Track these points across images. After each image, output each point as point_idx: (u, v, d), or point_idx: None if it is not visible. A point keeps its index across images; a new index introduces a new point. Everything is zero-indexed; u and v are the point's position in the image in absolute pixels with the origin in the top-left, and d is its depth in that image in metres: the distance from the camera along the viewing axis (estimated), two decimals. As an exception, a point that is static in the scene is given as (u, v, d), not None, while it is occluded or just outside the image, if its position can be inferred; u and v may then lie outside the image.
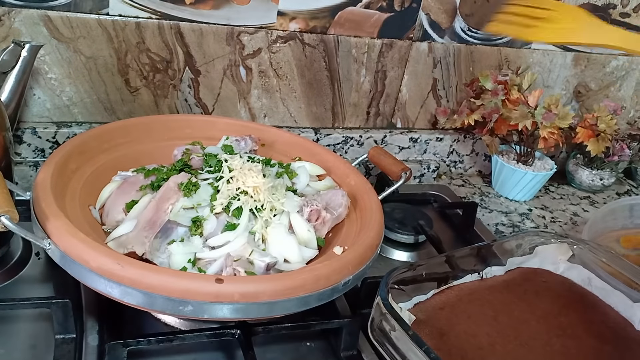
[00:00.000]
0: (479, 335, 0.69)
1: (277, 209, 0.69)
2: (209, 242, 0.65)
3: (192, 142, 0.81)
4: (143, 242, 0.63)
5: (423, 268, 0.73)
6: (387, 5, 1.01)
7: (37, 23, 0.82)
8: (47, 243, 0.58)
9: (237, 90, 0.99)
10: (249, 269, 0.62)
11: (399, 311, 0.63)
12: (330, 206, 0.74)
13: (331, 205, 0.74)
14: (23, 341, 0.63)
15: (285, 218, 0.70)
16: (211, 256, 0.64)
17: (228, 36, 0.93)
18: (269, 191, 0.70)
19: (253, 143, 0.84)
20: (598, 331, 0.73)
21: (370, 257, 0.66)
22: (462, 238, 0.98)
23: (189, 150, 0.79)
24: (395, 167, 0.83)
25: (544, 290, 0.78)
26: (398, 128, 1.15)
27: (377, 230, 0.69)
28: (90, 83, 0.89)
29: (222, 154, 0.76)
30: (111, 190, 0.73)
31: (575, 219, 1.13)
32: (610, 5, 1.19)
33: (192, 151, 0.79)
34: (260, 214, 0.68)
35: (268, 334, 0.66)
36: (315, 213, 0.71)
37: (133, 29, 0.88)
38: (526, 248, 0.83)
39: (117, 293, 0.55)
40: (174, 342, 0.62)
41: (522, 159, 1.14)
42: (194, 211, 0.67)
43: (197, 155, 0.77)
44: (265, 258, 0.63)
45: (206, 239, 0.66)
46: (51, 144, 0.89)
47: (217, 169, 0.72)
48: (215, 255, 0.64)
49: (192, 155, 0.77)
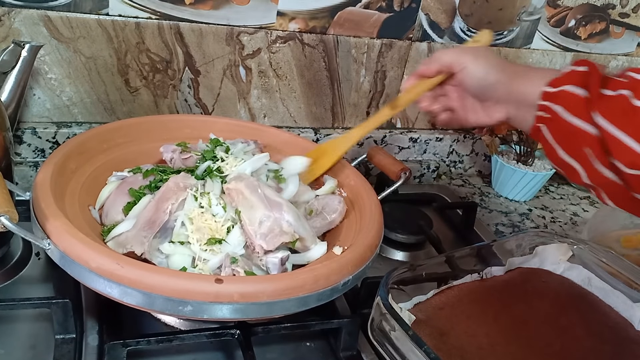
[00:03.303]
0: (479, 335, 0.69)
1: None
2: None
3: (177, 143, 0.79)
4: (142, 242, 0.63)
5: (423, 268, 0.73)
6: (386, 5, 1.01)
7: (37, 23, 0.82)
8: (47, 243, 0.58)
9: (236, 91, 0.99)
10: (252, 268, 0.62)
11: (399, 311, 0.63)
12: (325, 211, 0.74)
13: (326, 210, 0.74)
14: (23, 341, 0.63)
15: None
16: (210, 257, 0.64)
17: (228, 36, 0.93)
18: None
19: (257, 148, 0.83)
20: (598, 331, 0.73)
21: (370, 257, 0.66)
22: (462, 238, 0.98)
23: (186, 148, 0.78)
24: (394, 167, 0.83)
25: (544, 291, 0.78)
26: (398, 128, 1.15)
27: (377, 230, 0.69)
28: (90, 83, 0.89)
29: (219, 153, 0.75)
30: (110, 190, 0.72)
31: (575, 219, 1.13)
32: (609, 6, 1.19)
33: (190, 149, 0.79)
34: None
35: (268, 334, 0.66)
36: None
37: (133, 29, 0.88)
38: (526, 248, 0.83)
39: (116, 293, 0.55)
40: (174, 342, 0.62)
41: (522, 159, 1.14)
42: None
43: (195, 153, 0.77)
44: (278, 254, 0.63)
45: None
46: (51, 144, 0.89)
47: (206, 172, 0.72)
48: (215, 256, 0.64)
49: (190, 154, 0.77)
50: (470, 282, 0.77)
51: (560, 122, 0.57)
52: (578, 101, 0.55)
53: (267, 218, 0.64)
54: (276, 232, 0.64)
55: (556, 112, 0.57)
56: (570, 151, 0.57)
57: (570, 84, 0.56)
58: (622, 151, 0.52)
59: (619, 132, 0.52)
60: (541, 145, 0.61)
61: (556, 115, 0.57)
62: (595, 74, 0.55)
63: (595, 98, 0.54)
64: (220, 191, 0.69)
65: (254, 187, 0.67)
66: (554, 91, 0.57)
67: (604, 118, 0.53)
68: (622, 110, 0.52)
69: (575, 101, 0.55)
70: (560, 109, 0.56)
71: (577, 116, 0.55)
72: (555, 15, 1.15)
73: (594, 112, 0.53)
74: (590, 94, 0.54)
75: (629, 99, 0.52)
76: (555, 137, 0.58)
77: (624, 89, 0.52)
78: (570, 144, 0.57)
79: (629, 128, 0.51)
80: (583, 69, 0.57)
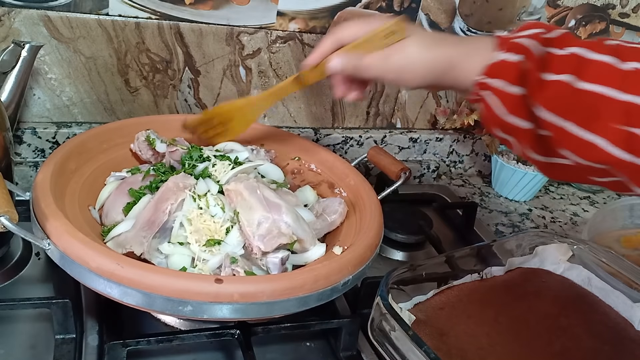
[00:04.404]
0: (479, 335, 0.68)
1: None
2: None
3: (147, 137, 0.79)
4: (141, 242, 0.63)
5: (423, 268, 0.73)
6: (386, 5, 1.01)
7: (37, 23, 0.82)
8: (47, 243, 0.58)
9: (236, 91, 0.99)
10: (252, 268, 0.62)
11: (399, 311, 0.63)
12: (326, 212, 0.73)
13: (326, 211, 0.74)
14: (23, 341, 0.63)
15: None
16: (209, 257, 0.64)
17: (228, 36, 0.93)
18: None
19: (266, 156, 0.81)
20: (598, 331, 0.73)
21: (370, 257, 0.66)
22: (462, 238, 0.98)
23: (173, 141, 0.78)
24: (394, 167, 0.83)
25: (544, 291, 0.78)
26: (398, 128, 1.15)
27: (377, 230, 0.69)
28: (90, 83, 0.89)
29: (211, 156, 0.75)
30: (110, 190, 0.72)
31: (575, 219, 1.13)
32: (609, 6, 1.19)
33: (177, 143, 0.78)
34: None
35: (268, 334, 0.66)
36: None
37: (133, 29, 0.88)
38: (526, 248, 0.83)
39: (116, 293, 0.55)
40: (174, 342, 0.62)
41: (522, 159, 1.14)
42: None
43: (181, 147, 0.77)
44: (278, 254, 0.63)
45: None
46: (51, 144, 0.89)
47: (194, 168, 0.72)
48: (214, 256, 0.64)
49: (175, 147, 0.76)
50: (470, 282, 0.77)
51: (495, 116, 0.54)
52: (513, 99, 0.52)
53: (265, 219, 0.64)
54: (274, 234, 0.64)
55: (490, 103, 0.54)
56: (505, 132, 0.55)
57: (503, 79, 0.53)
58: (571, 142, 0.49)
59: (564, 122, 0.49)
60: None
61: (489, 106, 0.54)
62: (532, 61, 0.51)
63: (534, 90, 0.51)
64: (217, 191, 0.69)
65: (253, 189, 0.67)
66: (488, 82, 0.54)
67: (547, 110, 0.50)
68: (565, 99, 0.49)
69: (511, 99, 0.52)
70: (496, 102, 0.54)
71: (513, 114, 0.53)
72: (555, 15, 1.15)
73: (535, 106, 0.51)
74: (528, 87, 0.51)
75: (572, 85, 0.49)
76: (490, 121, 0.56)
77: (567, 72, 0.49)
78: (505, 129, 0.55)
79: (574, 116, 0.49)
80: (517, 59, 0.52)
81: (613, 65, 0.48)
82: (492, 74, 0.54)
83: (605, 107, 0.48)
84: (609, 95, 0.47)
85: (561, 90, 0.49)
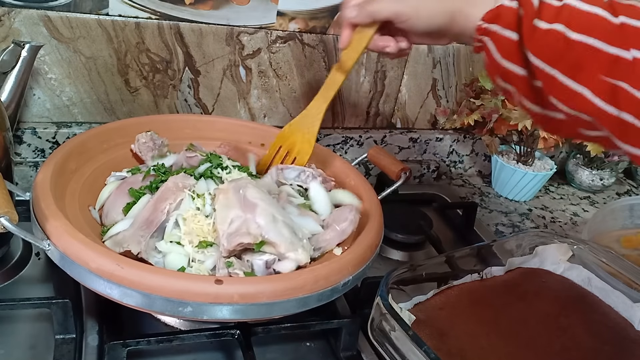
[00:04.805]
0: (479, 335, 0.69)
1: None
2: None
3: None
4: (139, 242, 0.62)
5: (423, 268, 0.73)
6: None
7: (37, 23, 0.82)
8: (47, 244, 0.58)
9: (236, 91, 0.99)
10: (247, 269, 0.62)
11: (399, 311, 0.63)
12: (335, 222, 0.71)
13: (336, 221, 0.71)
14: (23, 341, 0.63)
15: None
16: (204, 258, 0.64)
17: (228, 36, 0.93)
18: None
19: (320, 178, 0.77)
20: (598, 331, 0.73)
21: (370, 258, 0.66)
22: (462, 238, 0.98)
23: (192, 147, 0.78)
24: (394, 167, 0.83)
25: (544, 291, 0.78)
26: (398, 128, 1.15)
27: (377, 231, 0.69)
28: (90, 83, 0.89)
29: (228, 162, 0.75)
30: (110, 190, 0.72)
31: (575, 219, 1.13)
32: (610, 5, 1.18)
33: (195, 149, 0.79)
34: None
35: (268, 334, 0.66)
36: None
37: (133, 29, 0.88)
38: (526, 248, 0.83)
39: (116, 294, 0.55)
40: (174, 342, 0.62)
41: (522, 159, 1.14)
42: None
43: (200, 153, 0.77)
44: (263, 256, 0.63)
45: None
46: (51, 144, 0.89)
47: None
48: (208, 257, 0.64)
49: (195, 153, 0.77)
50: (470, 282, 0.77)
51: (494, 62, 0.56)
52: (509, 44, 0.54)
53: (237, 218, 0.63)
54: (241, 232, 0.62)
55: (489, 49, 0.57)
56: (505, 79, 0.57)
57: (500, 24, 0.55)
58: (559, 90, 0.51)
59: (553, 70, 0.50)
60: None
61: (489, 52, 0.57)
62: (527, 8, 0.53)
63: (527, 37, 0.52)
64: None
65: (237, 189, 0.66)
66: (487, 27, 0.57)
67: (537, 57, 0.51)
68: (554, 47, 0.50)
69: (506, 44, 0.54)
70: (493, 48, 0.56)
71: (508, 59, 0.55)
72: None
73: (527, 51, 0.52)
74: (522, 34, 0.53)
75: (562, 34, 0.50)
76: (491, 68, 0.58)
77: (559, 21, 0.50)
78: (504, 76, 0.57)
79: (562, 65, 0.50)
80: (513, 5, 0.54)
81: (604, 18, 0.49)
82: (491, 19, 0.56)
83: (591, 58, 0.49)
84: (596, 46, 0.48)
85: (551, 39, 0.51)
